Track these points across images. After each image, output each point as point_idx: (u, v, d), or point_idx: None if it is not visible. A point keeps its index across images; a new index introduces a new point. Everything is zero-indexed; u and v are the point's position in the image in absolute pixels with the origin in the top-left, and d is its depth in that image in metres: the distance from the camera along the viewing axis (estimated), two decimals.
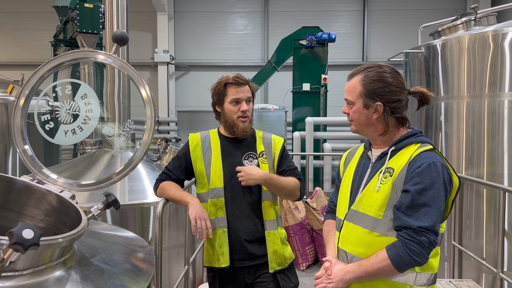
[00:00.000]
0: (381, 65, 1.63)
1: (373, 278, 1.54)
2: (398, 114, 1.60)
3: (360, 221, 1.59)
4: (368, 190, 1.60)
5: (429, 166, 1.48)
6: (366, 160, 1.70)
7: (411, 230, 1.46)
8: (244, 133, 2.17)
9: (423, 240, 1.44)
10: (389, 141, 1.63)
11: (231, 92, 2.15)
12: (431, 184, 1.46)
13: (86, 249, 1.54)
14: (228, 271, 2.14)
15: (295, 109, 8.25)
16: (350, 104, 1.65)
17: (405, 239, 1.46)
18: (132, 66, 1.81)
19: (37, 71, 1.73)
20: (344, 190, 1.73)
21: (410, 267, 1.48)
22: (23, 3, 11.92)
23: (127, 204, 3.00)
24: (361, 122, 1.64)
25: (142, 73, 11.96)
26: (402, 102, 1.60)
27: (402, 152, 1.58)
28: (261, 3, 12.02)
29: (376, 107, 1.58)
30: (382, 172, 1.57)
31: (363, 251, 1.57)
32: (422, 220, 1.45)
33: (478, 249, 3.34)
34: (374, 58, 11.71)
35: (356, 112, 1.63)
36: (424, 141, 1.59)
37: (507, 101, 3.21)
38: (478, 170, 3.36)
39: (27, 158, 1.72)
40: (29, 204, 1.65)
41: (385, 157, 1.61)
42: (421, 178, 1.47)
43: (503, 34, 3.22)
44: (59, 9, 6.58)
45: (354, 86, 1.62)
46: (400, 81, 1.61)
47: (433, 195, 1.46)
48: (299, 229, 4.71)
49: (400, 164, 1.54)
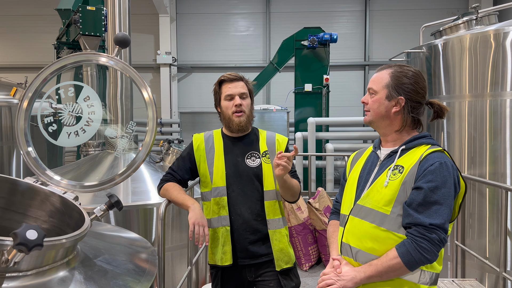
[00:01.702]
0: (410, 66, 1.69)
1: (384, 278, 1.54)
2: (416, 114, 1.64)
3: (366, 216, 1.60)
4: (376, 185, 1.61)
5: (441, 165, 1.50)
6: (374, 158, 1.72)
7: (422, 227, 1.47)
8: (240, 127, 2.17)
9: (434, 238, 1.45)
10: (399, 140, 1.66)
11: (224, 89, 2.19)
12: (443, 183, 1.48)
13: (89, 250, 1.55)
14: (230, 268, 2.16)
15: (297, 110, 8.26)
16: (372, 93, 1.68)
17: (415, 237, 1.47)
18: (134, 68, 1.83)
19: (40, 74, 1.75)
20: (350, 186, 1.75)
21: (421, 264, 1.49)
22: (26, 6, 11.98)
23: (130, 205, 3.02)
24: (379, 113, 1.66)
25: (144, 75, 12.01)
26: (421, 106, 1.65)
27: (412, 152, 1.61)
28: (262, 4, 12.03)
29: (398, 100, 1.62)
30: (391, 169, 1.59)
31: (369, 245, 1.58)
32: (434, 217, 1.47)
33: (481, 249, 3.34)
34: (376, 58, 11.69)
35: (376, 101, 1.67)
36: (434, 143, 1.62)
37: (509, 100, 3.21)
38: (481, 170, 3.36)
39: (31, 160, 1.74)
40: (32, 205, 1.67)
41: (394, 156, 1.63)
42: (433, 176, 1.49)
43: (504, 33, 3.22)
44: (61, 12, 6.62)
45: (381, 77, 1.67)
46: (424, 86, 1.66)
47: (445, 194, 1.48)
48: (302, 229, 4.72)
49: (411, 162, 1.56)
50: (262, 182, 2.16)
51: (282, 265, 2.15)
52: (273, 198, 2.18)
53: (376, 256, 1.56)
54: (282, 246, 2.17)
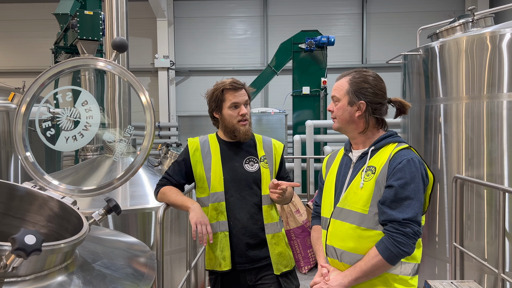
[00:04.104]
0: (367, 70, 1.80)
1: (370, 277, 1.62)
2: (378, 115, 1.75)
3: (347, 218, 1.69)
4: (352, 188, 1.70)
5: (408, 162, 1.61)
6: (347, 161, 1.81)
7: (397, 223, 1.57)
8: (246, 136, 2.20)
9: (408, 231, 1.56)
10: (368, 142, 1.77)
11: (229, 97, 2.18)
12: (412, 179, 1.59)
13: (88, 254, 1.55)
14: (229, 273, 2.15)
15: (295, 113, 8.27)
16: (336, 101, 1.78)
17: (391, 233, 1.57)
18: (131, 73, 1.83)
19: (38, 79, 1.75)
20: (328, 190, 1.83)
21: (400, 258, 1.59)
22: (24, 11, 11.98)
23: (129, 209, 3.02)
24: (344, 119, 1.76)
25: (142, 79, 12.00)
26: (383, 106, 1.76)
27: (381, 151, 1.71)
28: (260, 8, 12.06)
29: (359, 105, 1.72)
30: (364, 171, 1.69)
31: (352, 245, 1.67)
32: (406, 212, 1.57)
33: (480, 250, 3.35)
34: (374, 60, 11.72)
35: (340, 108, 1.76)
36: (400, 140, 1.73)
37: (506, 102, 3.22)
38: (478, 171, 3.36)
39: (29, 164, 1.74)
40: (31, 210, 1.67)
41: (365, 157, 1.73)
42: (402, 174, 1.60)
43: (500, 35, 3.24)
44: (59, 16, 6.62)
45: (342, 85, 1.77)
46: (382, 87, 1.77)
47: (414, 189, 1.59)
48: (301, 232, 4.72)
49: (381, 162, 1.67)
50: (261, 186, 2.17)
51: (281, 268, 2.15)
52: (270, 202, 2.19)
53: (360, 254, 1.65)
54: (281, 250, 2.17)
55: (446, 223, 3.60)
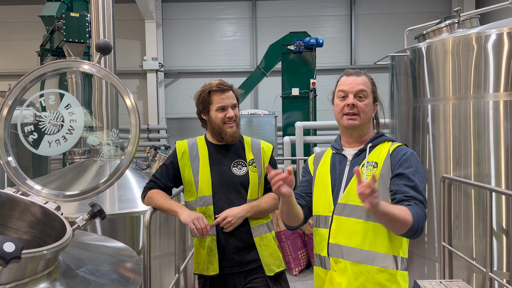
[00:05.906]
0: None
1: (390, 223, 1.52)
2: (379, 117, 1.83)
3: (352, 213, 1.66)
4: (354, 183, 1.65)
5: (412, 154, 1.68)
6: (340, 159, 1.79)
7: (419, 201, 1.57)
8: (233, 138, 2.18)
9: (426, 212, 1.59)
10: (362, 140, 1.77)
11: (216, 99, 2.16)
12: (417, 169, 1.64)
13: (71, 261, 1.52)
14: (218, 277, 2.14)
15: (285, 114, 8.27)
16: (362, 97, 1.72)
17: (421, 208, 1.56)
18: (116, 75, 1.81)
19: (20, 82, 1.72)
20: (323, 188, 1.78)
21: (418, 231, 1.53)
22: (10, 13, 11.82)
23: (117, 213, 2.98)
24: (368, 117, 1.76)
25: (131, 81, 11.90)
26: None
27: (378, 148, 1.72)
28: (249, 9, 12.06)
29: (375, 106, 1.78)
30: (365, 166, 1.68)
31: (359, 241, 1.64)
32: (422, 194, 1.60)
33: (468, 249, 3.37)
34: (362, 61, 11.78)
35: (368, 105, 1.73)
36: (394, 140, 1.80)
37: (492, 102, 3.25)
38: (466, 171, 3.39)
39: (11, 170, 1.71)
40: (13, 216, 1.63)
41: (363, 154, 1.73)
42: (409, 163, 1.64)
43: (485, 36, 3.27)
44: (45, 18, 6.52)
45: (367, 82, 1.75)
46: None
47: (420, 178, 1.63)
48: (291, 234, 4.71)
49: (381, 157, 1.68)
50: (248, 190, 2.16)
51: (274, 269, 2.14)
52: None
53: (368, 250, 1.63)
54: (271, 250, 2.16)
55: (435, 222, 3.62)
